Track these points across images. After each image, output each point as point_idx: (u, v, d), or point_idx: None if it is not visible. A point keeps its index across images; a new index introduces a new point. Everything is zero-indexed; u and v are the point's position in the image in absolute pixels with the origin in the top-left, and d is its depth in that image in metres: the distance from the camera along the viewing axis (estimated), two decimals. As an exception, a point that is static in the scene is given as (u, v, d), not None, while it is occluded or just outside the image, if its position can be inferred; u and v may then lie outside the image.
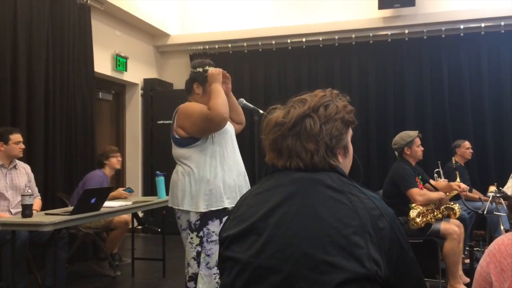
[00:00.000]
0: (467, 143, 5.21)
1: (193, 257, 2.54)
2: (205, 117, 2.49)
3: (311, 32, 6.36)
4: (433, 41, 6.08)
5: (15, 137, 3.65)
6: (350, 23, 6.25)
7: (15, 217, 3.34)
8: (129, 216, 4.56)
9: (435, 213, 3.62)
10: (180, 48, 6.92)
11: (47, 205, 4.15)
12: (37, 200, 3.81)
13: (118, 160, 4.66)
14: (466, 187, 3.90)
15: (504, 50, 5.86)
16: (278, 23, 6.51)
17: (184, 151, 2.60)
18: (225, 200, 2.54)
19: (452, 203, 3.75)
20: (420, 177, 3.82)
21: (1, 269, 3.48)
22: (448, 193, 3.80)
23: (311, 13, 6.40)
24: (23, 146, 3.71)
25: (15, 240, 3.12)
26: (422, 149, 3.86)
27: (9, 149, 3.62)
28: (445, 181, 4.31)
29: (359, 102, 6.16)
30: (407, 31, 6.10)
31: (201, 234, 2.52)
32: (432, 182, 3.97)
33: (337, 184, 1.08)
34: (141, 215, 5.59)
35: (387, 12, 6.11)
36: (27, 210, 3.11)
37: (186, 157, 2.59)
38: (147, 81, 6.70)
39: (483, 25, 5.86)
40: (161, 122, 6.40)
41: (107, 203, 3.64)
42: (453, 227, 3.55)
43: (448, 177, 4.74)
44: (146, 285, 4.27)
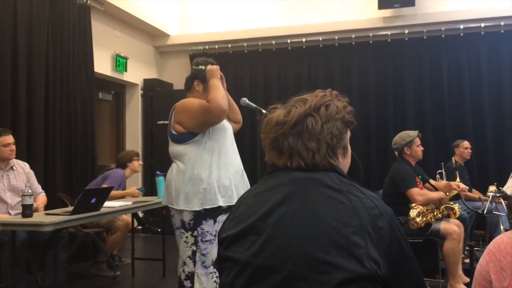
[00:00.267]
0: (466, 143, 5.21)
1: (189, 256, 2.54)
2: (204, 110, 2.49)
3: (311, 32, 6.36)
4: (433, 41, 6.08)
5: (3, 139, 3.54)
6: (350, 23, 6.25)
7: (15, 217, 3.33)
8: (129, 217, 4.56)
9: (435, 213, 3.62)
10: (180, 48, 6.93)
11: (47, 205, 4.15)
12: (41, 196, 3.77)
13: (139, 163, 4.80)
14: (465, 187, 3.90)
15: (504, 50, 5.86)
16: (278, 23, 6.51)
17: (181, 148, 2.59)
18: (219, 198, 2.51)
19: (452, 203, 3.75)
20: (420, 176, 3.82)
21: (0, 270, 3.47)
22: (448, 193, 3.81)
23: (311, 13, 6.40)
24: (14, 147, 3.59)
25: (15, 240, 3.11)
26: (422, 149, 3.86)
27: None
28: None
29: (359, 102, 6.17)
30: (407, 31, 6.10)
31: (195, 233, 2.52)
32: (432, 181, 3.98)
33: (337, 183, 1.08)
34: (141, 215, 5.59)
35: (387, 12, 6.11)
36: (27, 210, 3.09)
37: (182, 154, 2.58)
38: (147, 81, 6.71)
39: (483, 25, 5.86)
40: (161, 122, 6.40)
41: (107, 203, 3.64)
42: (453, 227, 3.56)
43: (447, 177, 4.75)
44: (146, 285, 4.27)
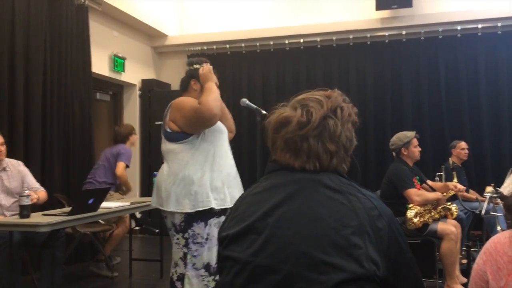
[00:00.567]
0: (462, 144, 5.22)
1: (180, 258, 2.52)
2: (195, 111, 2.48)
3: (309, 32, 6.37)
4: (430, 42, 6.10)
5: None
6: (348, 24, 6.26)
7: (13, 218, 3.31)
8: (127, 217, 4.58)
9: (432, 214, 3.63)
10: (178, 49, 6.92)
11: (44, 205, 4.13)
12: (40, 192, 3.63)
13: (137, 137, 4.93)
14: (462, 187, 3.90)
15: (501, 51, 5.88)
16: (276, 23, 6.51)
17: (174, 147, 2.57)
18: (212, 200, 2.48)
19: (449, 204, 3.76)
20: (417, 177, 3.83)
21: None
22: (445, 194, 3.81)
23: (309, 14, 6.41)
24: (2, 148, 3.51)
25: (7, 241, 3.09)
26: (419, 149, 3.86)
27: None
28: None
29: (357, 102, 6.17)
30: (404, 32, 6.11)
31: (186, 235, 2.49)
32: (429, 182, 3.99)
33: (336, 184, 1.08)
34: (138, 215, 5.58)
35: (385, 13, 6.12)
36: (24, 210, 3.08)
37: (175, 153, 2.55)
38: (145, 82, 6.70)
39: (480, 26, 5.87)
40: (159, 122, 6.23)
41: (104, 204, 3.63)
42: (450, 227, 3.56)
43: (445, 177, 4.75)
44: (143, 286, 4.26)
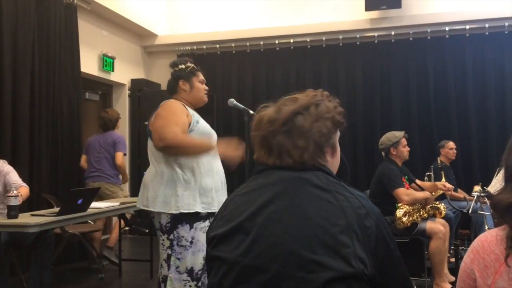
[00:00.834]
0: (451, 144, 5.27)
1: (164, 259, 2.50)
2: (159, 127, 2.43)
3: (299, 33, 6.38)
4: (419, 42, 6.15)
5: None
6: (337, 25, 6.28)
7: (0, 218, 3.25)
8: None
9: (421, 213, 3.66)
10: (167, 48, 6.90)
11: (32, 206, 4.10)
12: (22, 188, 3.46)
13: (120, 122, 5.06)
14: (451, 186, 3.93)
15: (488, 51, 5.94)
16: (266, 24, 6.52)
17: None
18: (198, 204, 2.46)
19: (437, 203, 3.80)
20: (406, 177, 3.85)
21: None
22: (433, 193, 3.84)
23: (299, 14, 6.42)
24: None
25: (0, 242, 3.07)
26: (408, 149, 3.89)
27: None
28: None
29: (347, 102, 6.19)
30: (393, 33, 6.15)
31: (171, 237, 2.47)
32: (418, 182, 4.02)
33: (324, 183, 1.09)
34: (128, 216, 5.55)
35: (374, 13, 6.16)
36: (12, 211, 3.05)
37: (161, 155, 2.50)
38: (134, 82, 6.66)
39: (468, 27, 5.93)
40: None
41: (93, 204, 3.61)
42: (438, 226, 3.59)
43: (433, 177, 4.79)
44: (133, 286, 4.24)
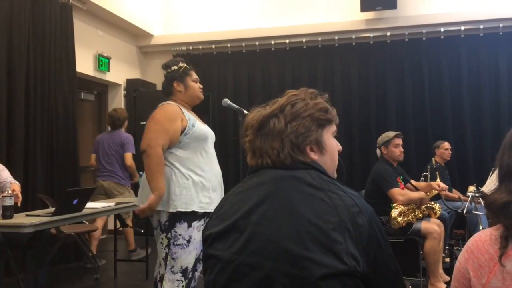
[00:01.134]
0: (446, 144, 5.30)
1: (163, 258, 2.51)
2: (147, 131, 2.59)
3: (295, 33, 6.40)
4: (414, 43, 6.17)
5: None
6: (333, 25, 6.30)
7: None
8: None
9: (416, 213, 3.67)
10: (163, 48, 6.89)
11: (27, 206, 4.09)
12: (13, 184, 3.37)
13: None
14: (445, 186, 3.94)
15: (483, 52, 5.97)
16: (262, 24, 6.53)
17: None
18: (195, 203, 2.47)
19: (432, 203, 3.81)
20: (401, 177, 3.86)
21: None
22: (428, 193, 3.85)
23: (295, 15, 6.44)
24: None
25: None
26: (401, 150, 3.83)
27: None
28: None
29: (342, 102, 6.22)
30: (389, 34, 6.17)
31: (169, 235, 2.48)
32: (413, 182, 4.03)
33: (317, 181, 1.10)
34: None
35: (369, 14, 6.18)
36: (7, 211, 3.04)
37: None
38: (130, 82, 6.65)
39: (462, 28, 5.96)
40: (144, 122, 6.19)
41: (89, 204, 3.60)
42: (433, 226, 3.61)
43: (429, 177, 4.80)
44: (128, 286, 4.24)
